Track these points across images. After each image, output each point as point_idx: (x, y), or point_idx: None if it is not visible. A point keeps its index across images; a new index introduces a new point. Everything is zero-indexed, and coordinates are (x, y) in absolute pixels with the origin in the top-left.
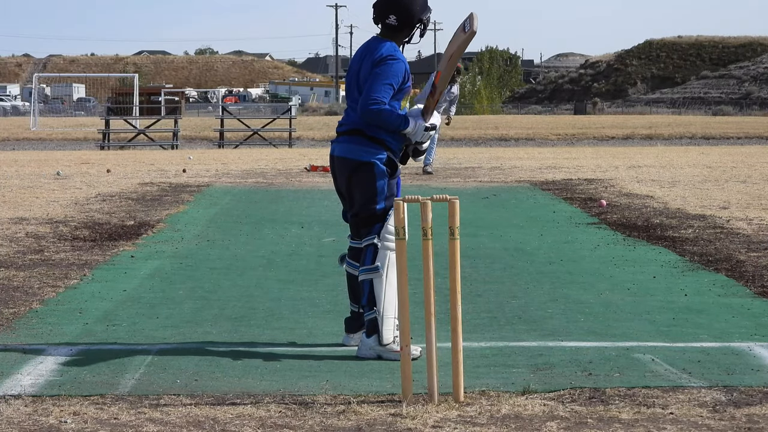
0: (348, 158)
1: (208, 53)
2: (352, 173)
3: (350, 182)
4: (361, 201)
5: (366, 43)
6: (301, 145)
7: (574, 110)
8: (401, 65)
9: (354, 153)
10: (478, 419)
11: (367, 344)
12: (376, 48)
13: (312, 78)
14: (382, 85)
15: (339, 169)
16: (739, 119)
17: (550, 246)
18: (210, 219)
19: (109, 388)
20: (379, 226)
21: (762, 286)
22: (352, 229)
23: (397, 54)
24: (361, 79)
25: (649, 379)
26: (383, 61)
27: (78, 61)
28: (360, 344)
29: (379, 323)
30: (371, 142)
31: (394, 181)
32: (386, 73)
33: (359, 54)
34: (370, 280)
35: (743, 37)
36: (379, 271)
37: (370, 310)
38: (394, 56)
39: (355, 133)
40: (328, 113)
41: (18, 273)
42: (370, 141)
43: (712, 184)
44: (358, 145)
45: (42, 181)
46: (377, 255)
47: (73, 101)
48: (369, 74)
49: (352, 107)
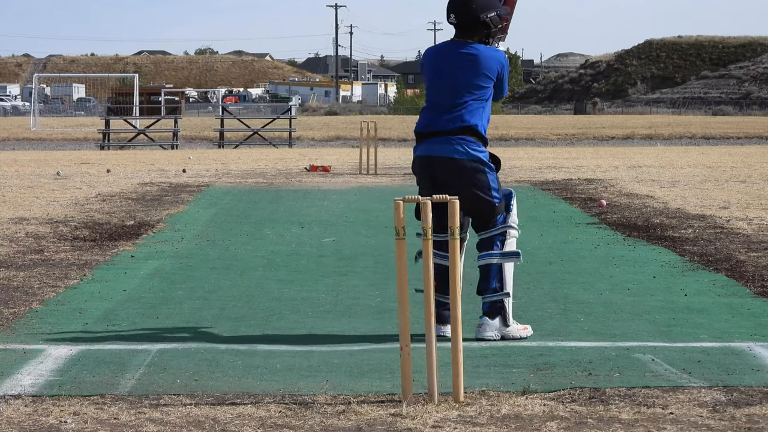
0: (455, 158)
1: (208, 53)
2: (463, 171)
3: (461, 180)
4: (475, 198)
5: (449, 45)
6: (301, 145)
7: (574, 110)
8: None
9: (463, 152)
10: (478, 419)
11: (493, 326)
12: (473, 49)
13: (312, 78)
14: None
15: (442, 169)
16: (739, 119)
17: (550, 246)
18: (210, 219)
19: (109, 388)
20: (502, 216)
21: (762, 286)
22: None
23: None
24: (462, 82)
25: (649, 379)
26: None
27: (78, 61)
28: (484, 326)
29: (507, 305)
30: (478, 141)
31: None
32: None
33: (448, 55)
34: (500, 264)
35: (743, 37)
36: (519, 257)
37: (495, 293)
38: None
39: (466, 132)
40: (328, 113)
41: (18, 273)
42: (477, 139)
43: (712, 184)
44: (467, 143)
45: (42, 181)
46: (506, 242)
47: (73, 101)
48: (476, 75)
49: (449, 107)
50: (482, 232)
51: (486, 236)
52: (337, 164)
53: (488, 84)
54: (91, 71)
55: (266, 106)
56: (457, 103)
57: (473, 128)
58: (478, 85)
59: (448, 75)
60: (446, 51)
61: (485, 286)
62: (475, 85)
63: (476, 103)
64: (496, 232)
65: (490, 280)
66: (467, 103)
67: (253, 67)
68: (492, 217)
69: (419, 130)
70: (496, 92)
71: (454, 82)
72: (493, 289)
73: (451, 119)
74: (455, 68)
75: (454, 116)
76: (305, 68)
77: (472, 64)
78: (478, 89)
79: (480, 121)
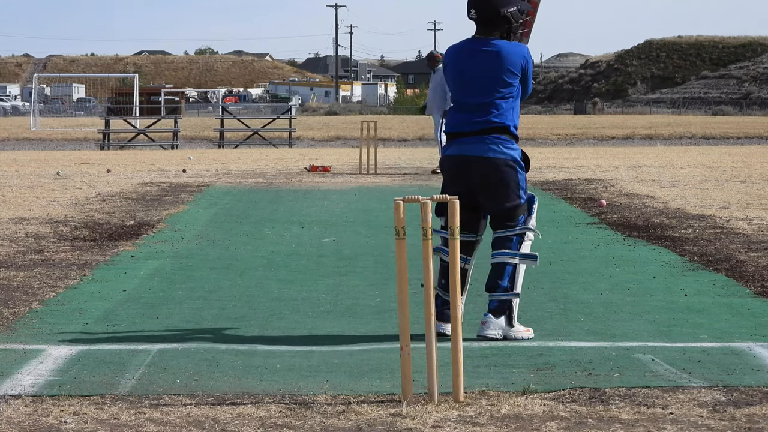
0: (490, 157)
1: (208, 53)
2: (498, 170)
3: (491, 179)
4: (505, 196)
5: (470, 42)
6: (301, 145)
7: (574, 110)
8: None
9: (498, 151)
10: (478, 419)
11: (497, 324)
12: (494, 46)
13: (312, 78)
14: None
15: (477, 168)
16: (739, 119)
17: (550, 246)
18: (210, 219)
19: (109, 388)
20: (524, 217)
21: (762, 286)
22: (489, 221)
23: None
24: (487, 80)
25: (649, 379)
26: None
27: (78, 61)
28: (488, 323)
29: (514, 306)
30: (511, 139)
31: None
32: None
33: (470, 53)
34: (515, 264)
35: (743, 37)
36: (536, 261)
37: (505, 292)
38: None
39: (499, 131)
40: (328, 113)
41: (18, 273)
42: (510, 138)
43: (712, 184)
44: (501, 142)
45: (42, 181)
46: (522, 243)
47: (73, 101)
48: (500, 71)
49: (477, 106)
50: (501, 230)
51: (504, 235)
52: (337, 164)
53: (513, 80)
54: (91, 71)
55: (266, 106)
56: (485, 102)
57: (506, 127)
58: (503, 81)
59: (471, 74)
60: (468, 49)
61: (496, 284)
62: (501, 83)
63: (505, 103)
64: (516, 232)
65: (502, 278)
66: (496, 102)
67: (253, 67)
68: (514, 217)
69: (450, 131)
70: (522, 89)
71: (479, 81)
72: (504, 288)
73: (483, 119)
74: (478, 66)
75: (485, 116)
76: (305, 68)
77: (495, 60)
78: (504, 86)
79: (512, 120)
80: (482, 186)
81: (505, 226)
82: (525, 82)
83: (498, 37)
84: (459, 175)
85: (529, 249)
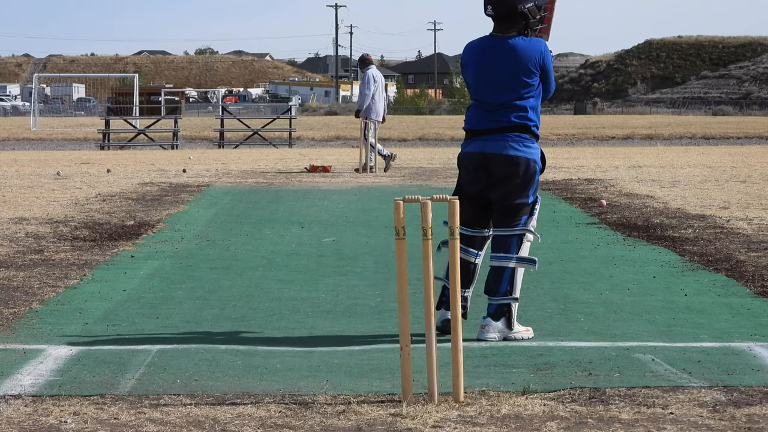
0: (511, 154)
1: (208, 53)
2: (518, 168)
3: (508, 175)
4: (516, 193)
5: (488, 39)
6: (301, 145)
7: (574, 110)
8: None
9: (519, 150)
10: (478, 419)
11: (496, 327)
12: (511, 43)
13: (312, 78)
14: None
15: (498, 166)
16: (739, 119)
17: (550, 246)
18: (210, 219)
19: (109, 388)
20: (526, 217)
21: (762, 286)
22: (491, 217)
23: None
24: (506, 77)
25: (649, 379)
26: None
27: (78, 61)
28: (487, 327)
29: (513, 309)
30: (532, 137)
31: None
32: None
33: (487, 51)
34: (514, 268)
35: (743, 37)
36: (535, 264)
37: (504, 296)
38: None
39: (520, 130)
40: (328, 113)
41: (18, 273)
42: (531, 136)
43: (712, 184)
44: (523, 140)
45: (42, 181)
46: (522, 245)
47: (73, 101)
48: (519, 68)
49: (498, 104)
50: (502, 228)
51: (504, 234)
52: (337, 164)
53: (532, 78)
54: (91, 71)
55: (266, 106)
56: (505, 100)
57: (527, 126)
58: (521, 80)
59: (490, 71)
60: (485, 47)
61: (495, 288)
62: (519, 81)
63: (525, 102)
64: (516, 233)
65: (501, 282)
66: (516, 100)
67: (253, 67)
68: (518, 215)
69: (469, 128)
70: (543, 86)
71: (499, 80)
72: (503, 292)
73: (504, 117)
74: (496, 64)
75: (507, 114)
76: (305, 68)
77: (513, 58)
78: (522, 84)
79: (533, 119)
80: (499, 181)
81: (507, 223)
82: (546, 78)
83: (516, 34)
84: (479, 172)
85: (528, 250)
